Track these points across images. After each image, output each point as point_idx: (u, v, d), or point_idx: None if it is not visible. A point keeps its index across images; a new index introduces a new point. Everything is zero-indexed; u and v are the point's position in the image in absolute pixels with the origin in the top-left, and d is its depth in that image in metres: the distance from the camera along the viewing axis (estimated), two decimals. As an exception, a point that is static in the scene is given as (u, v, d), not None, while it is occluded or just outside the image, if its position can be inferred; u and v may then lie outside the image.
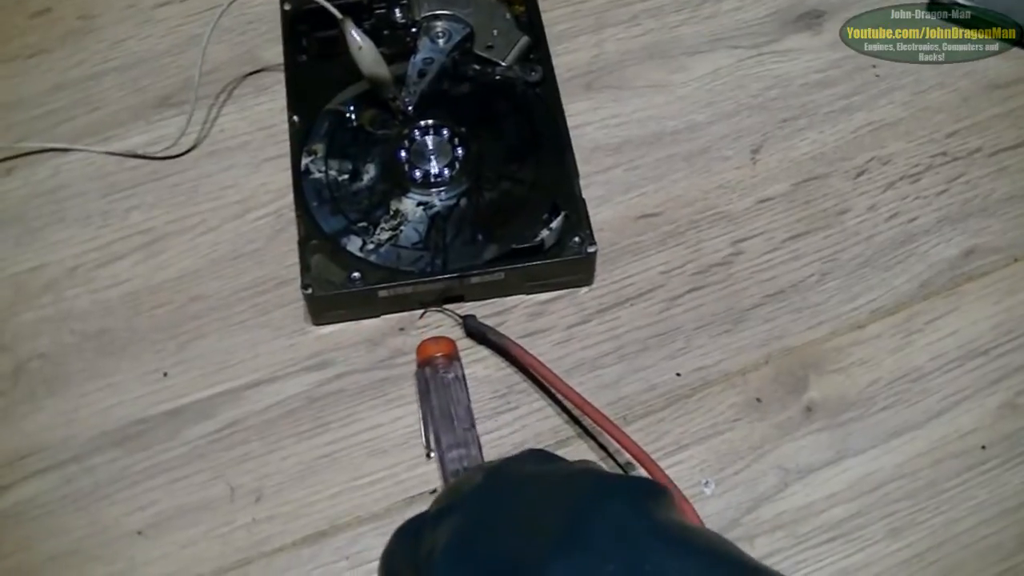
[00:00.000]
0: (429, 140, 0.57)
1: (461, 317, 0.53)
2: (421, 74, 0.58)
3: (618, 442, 0.48)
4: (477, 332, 0.53)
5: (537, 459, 0.39)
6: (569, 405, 0.51)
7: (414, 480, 0.50)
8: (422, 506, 0.49)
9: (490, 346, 0.53)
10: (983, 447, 0.51)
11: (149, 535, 0.49)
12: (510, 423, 0.52)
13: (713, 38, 0.64)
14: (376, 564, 0.47)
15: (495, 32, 0.60)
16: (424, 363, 0.52)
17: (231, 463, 0.51)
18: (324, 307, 0.53)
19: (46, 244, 0.57)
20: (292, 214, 0.56)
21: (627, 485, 0.35)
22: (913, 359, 0.53)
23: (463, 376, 0.52)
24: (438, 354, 0.51)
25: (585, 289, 0.55)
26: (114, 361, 0.54)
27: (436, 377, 0.51)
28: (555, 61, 0.60)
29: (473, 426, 0.50)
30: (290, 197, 0.57)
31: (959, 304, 0.55)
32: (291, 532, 0.49)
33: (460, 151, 0.56)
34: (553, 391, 0.51)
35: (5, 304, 0.55)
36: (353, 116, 0.58)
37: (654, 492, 0.34)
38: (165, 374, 0.53)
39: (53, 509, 0.50)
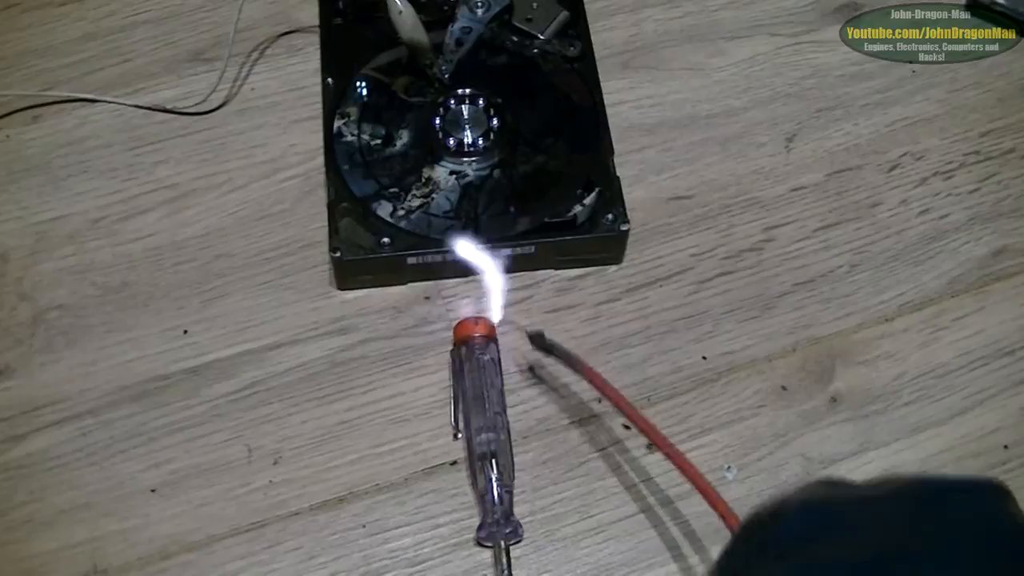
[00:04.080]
0: (464, 109, 0.56)
1: (528, 333, 0.50)
2: (459, 43, 0.58)
3: (677, 466, 0.44)
4: (544, 347, 0.49)
5: (830, 484, 0.37)
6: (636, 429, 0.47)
7: (435, 451, 0.50)
8: (441, 477, 0.49)
9: (557, 357, 0.49)
10: (1005, 447, 0.51)
11: (164, 493, 0.49)
12: (535, 397, 0.51)
13: (752, 24, 0.63)
14: (394, 532, 0.48)
15: (534, 5, 0.59)
16: (461, 342, 0.51)
17: (250, 424, 0.50)
18: (351, 271, 0.52)
19: (70, 195, 0.56)
20: (321, 177, 0.56)
21: (981, 485, 0.34)
22: (939, 355, 0.53)
23: (499, 359, 0.51)
24: (476, 334, 0.51)
25: (614, 267, 0.55)
26: (135, 315, 0.53)
27: (472, 358, 0.50)
28: (592, 38, 0.59)
29: (504, 411, 0.50)
30: (319, 160, 0.56)
31: (987, 303, 0.55)
32: (308, 497, 0.49)
33: (495, 122, 0.56)
34: (621, 413, 0.47)
35: (26, 253, 0.55)
36: (388, 81, 0.57)
37: (1003, 492, 0.33)
38: (186, 331, 0.53)
39: (67, 462, 0.49)
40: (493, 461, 0.48)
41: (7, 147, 0.58)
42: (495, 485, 0.47)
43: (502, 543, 0.46)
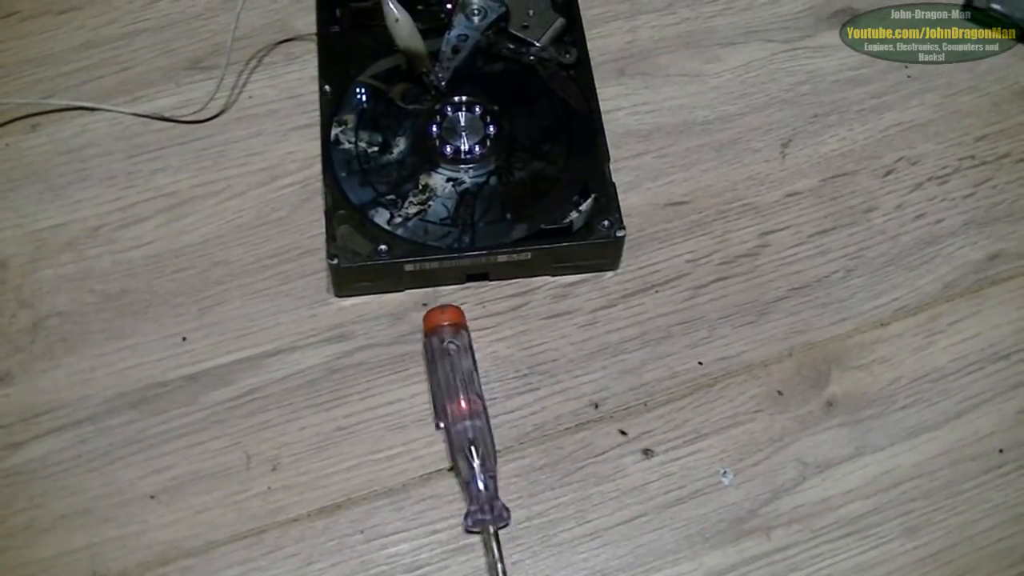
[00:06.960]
0: (461, 116, 0.56)
1: None
2: (455, 50, 0.58)
3: None
4: None
5: None
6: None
7: (432, 456, 0.50)
8: (439, 483, 0.49)
9: None
10: (1000, 451, 0.51)
11: (163, 499, 0.49)
12: (530, 404, 0.51)
13: (747, 30, 0.64)
14: (391, 538, 0.48)
15: (531, 12, 0.59)
16: (431, 332, 0.51)
17: (248, 431, 0.50)
18: (348, 278, 0.53)
19: (69, 202, 0.57)
20: (318, 184, 0.56)
21: None
22: (934, 359, 0.53)
23: (470, 344, 0.51)
24: (444, 323, 0.51)
25: (610, 274, 0.55)
26: (133, 323, 0.53)
27: (442, 347, 0.51)
28: (588, 45, 0.60)
29: (481, 395, 0.50)
30: (317, 167, 0.56)
31: (982, 307, 0.55)
32: (307, 503, 0.49)
33: (492, 129, 0.56)
34: None
35: (26, 260, 0.55)
36: (385, 88, 0.57)
37: None
38: (184, 338, 0.53)
39: (67, 468, 0.49)
40: (473, 448, 0.48)
41: (6, 155, 0.58)
42: (478, 472, 0.47)
43: (491, 529, 0.47)
